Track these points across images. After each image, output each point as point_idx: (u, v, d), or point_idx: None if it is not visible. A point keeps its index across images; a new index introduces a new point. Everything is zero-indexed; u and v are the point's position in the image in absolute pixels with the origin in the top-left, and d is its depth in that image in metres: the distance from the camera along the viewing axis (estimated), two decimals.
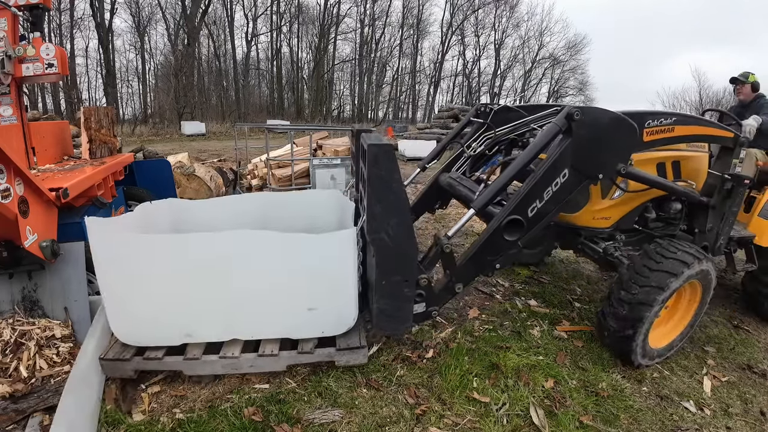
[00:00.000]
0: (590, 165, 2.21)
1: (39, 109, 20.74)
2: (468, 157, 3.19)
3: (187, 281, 2.17)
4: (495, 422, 2.08)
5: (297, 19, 39.09)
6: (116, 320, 2.23)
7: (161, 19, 32.02)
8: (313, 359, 2.32)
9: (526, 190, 2.15)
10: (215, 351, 2.28)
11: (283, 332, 2.36)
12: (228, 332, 2.32)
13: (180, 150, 11.07)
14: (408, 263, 2.08)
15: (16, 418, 1.88)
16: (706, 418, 2.27)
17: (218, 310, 2.25)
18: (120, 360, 2.18)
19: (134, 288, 2.17)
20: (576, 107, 2.10)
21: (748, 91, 3.98)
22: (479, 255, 2.22)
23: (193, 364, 2.22)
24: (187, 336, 2.28)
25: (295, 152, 3.93)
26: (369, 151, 1.88)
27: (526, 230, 2.20)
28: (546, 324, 3.07)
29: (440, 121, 19.26)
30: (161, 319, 2.23)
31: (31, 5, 2.98)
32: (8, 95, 2.95)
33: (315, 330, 2.36)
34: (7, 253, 2.20)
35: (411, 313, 2.19)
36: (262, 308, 2.28)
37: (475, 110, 3.33)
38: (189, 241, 2.23)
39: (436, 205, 3.39)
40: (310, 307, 2.28)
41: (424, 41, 44.69)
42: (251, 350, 2.31)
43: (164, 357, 2.21)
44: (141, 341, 2.26)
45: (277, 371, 2.32)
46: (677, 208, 2.82)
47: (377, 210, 1.97)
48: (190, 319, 2.26)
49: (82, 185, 2.74)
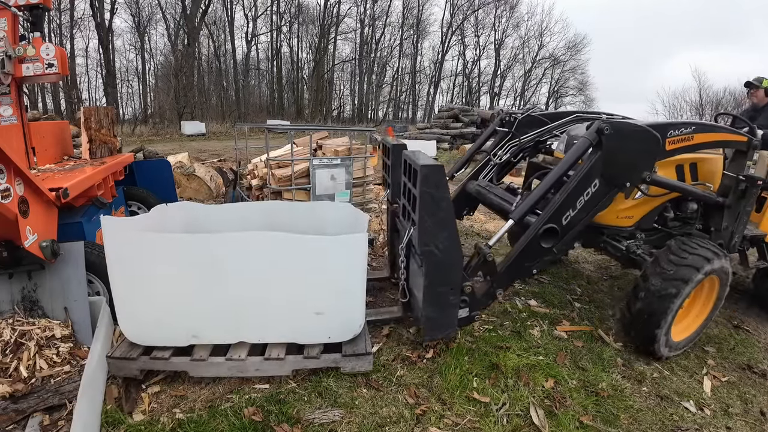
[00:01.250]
0: (619, 175, 2.39)
1: (39, 109, 20.74)
2: (494, 165, 3.38)
3: (197, 282, 2.18)
4: (495, 422, 2.08)
5: (297, 19, 39.13)
6: (125, 319, 2.25)
7: (161, 19, 32.08)
8: (319, 365, 2.31)
9: (560, 201, 2.31)
10: (221, 353, 2.28)
11: (290, 336, 2.36)
12: (235, 335, 2.32)
13: (180, 150, 11.08)
14: (454, 273, 2.22)
15: (16, 418, 1.88)
16: (706, 418, 2.27)
17: (226, 311, 2.25)
18: (126, 359, 2.20)
19: (144, 287, 2.19)
20: (605, 122, 2.27)
21: (761, 95, 4.19)
22: (518, 262, 2.37)
23: (199, 366, 2.23)
24: (194, 337, 2.28)
25: (295, 152, 3.93)
26: (421, 171, 2.03)
27: (561, 237, 2.37)
28: (546, 324, 3.07)
29: (440, 121, 19.24)
30: (169, 319, 2.24)
31: (31, 5, 2.98)
32: (8, 95, 2.95)
33: (322, 335, 2.36)
34: (7, 253, 2.20)
35: (456, 318, 2.32)
36: (270, 311, 2.28)
37: (500, 120, 3.49)
38: (201, 242, 2.22)
39: (464, 211, 3.57)
40: (317, 311, 2.28)
41: (424, 41, 44.73)
42: (257, 353, 2.31)
43: (171, 357, 2.22)
44: (148, 341, 2.27)
45: (281, 375, 2.31)
46: (693, 208, 2.97)
47: (428, 225, 2.11)
48: (197, 320, 2.26)
49: (82, 185, 2.74)
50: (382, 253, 4.40)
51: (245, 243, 2.16)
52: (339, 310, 2.33)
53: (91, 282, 2.57)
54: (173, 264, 2.17)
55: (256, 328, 2.32)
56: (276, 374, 2.30)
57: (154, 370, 2.27)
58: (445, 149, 16.37)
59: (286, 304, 2.27)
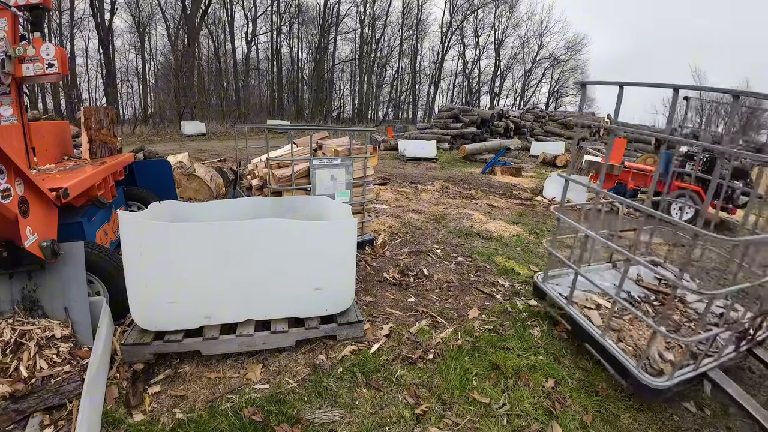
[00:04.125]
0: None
1: (39, 109, 20.74)
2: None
3: (212, 266, 2.37)
4: (495, 422, 2.08)
5: (297, 19, 39.12)
6: (138, 307, 2.38)
7: (161, 19, 32.06)
8: (319, 334, 2.64)
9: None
10: (229, 332, 2.50)
11: (293, 311, 2.65)
12: (244, 314, 2.55)
13: (180, 150, 11.08)
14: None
15: (16, 418, 1.88)
16: (707, 418, 2.26)
17: (237, 292, 2.47)
18: (140, 344, 2.33)
19: (161, 274, 2.33)
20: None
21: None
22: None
23: (211, 344, 2.42)
24: (206, 318, 2.47)
25: (295, 152, 3.93)
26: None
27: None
28: (546, 324, 3.07)
29: (440, 121, 19.26)
30: (184, 303, 2.40)
31: (31, 5, 2.98)
32: (8, 95, 2.95)
33: (320, 309, 2.69)
34: (7, 253, 2.21)
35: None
36: (275, 290, 2.54)
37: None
38: (215, 230, 2.36)
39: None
40: (316, 287, 2.60)
41: (424, 41, 44.75)
42: (262, 329, 2.56)
43: (184, 339, 2.40)
44: (161, 325, 2.43)
45: (286, 346, 2.56)
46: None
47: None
48: (210, 303, 2.45)
49: (82, 185, 2.74)
50: (383, 253, 4.41)
51: (257, 229, 2.40)
52: (334, 285, 2.67)
53: (91, 282, 2.57)
54: (190, 251, 2.32)
55: (262, 306, 2.56)
56: (281, 345, 2.55)
57: (168, 352, 2.42)
58: (445, 149, 16.37)
59: (290, 282, 2.54)
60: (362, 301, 3.31)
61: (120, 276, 2.43)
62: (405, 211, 6.37)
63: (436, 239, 5.06)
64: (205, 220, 2.95)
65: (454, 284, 3.75)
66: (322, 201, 3.25)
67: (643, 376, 2.17)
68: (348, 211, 2.87)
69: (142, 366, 2.32)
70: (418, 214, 6.24)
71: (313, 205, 3.25)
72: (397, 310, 3.20)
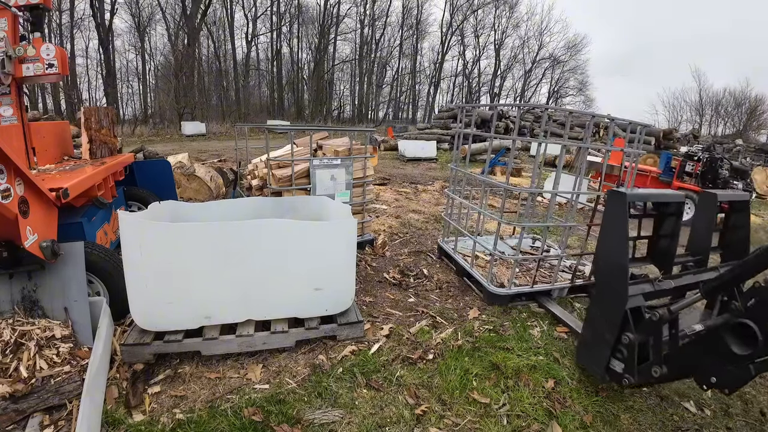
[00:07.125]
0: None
1: (39, 109, 20.75)
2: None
3: (213, 266, 2.37)
4: (495, 422, 2.08)
5: (297, 20, 39.15)
6: (138, 307, 2.37)
7: (161, 19, 32.12)
8: (319, 334, 2.63)
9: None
10: (229, 332, 2.50)
11: (293, 312, 2.64)
12: (244, 314, 2.54)
13: (180, 150, 11.08)
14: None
15: (16, 418, 1.88)
16: (707, 418, 2.26)
17: (237, 293, 2.46)
18: (140, 344, 2.33)
19: (161, 275, 2.32)
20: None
21: None
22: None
23: (211, 344, 2.41)
24: (206, 318, 2.46)
25: (295, 152, 3.93)
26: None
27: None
28: (546, 324, 3.07)
29: (440, 122, 19.26)
30: (185, 303, 2.39)
31: (31, 5, 2.98)
32: (8, 95, 2.95)
33: (320, 309, 2.68)
34: (7, 253, 2.20)
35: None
36: (276, 290, 2.53)
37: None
38: (215, 230, 2.36)
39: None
40: (317, 287, 2.60)
41: (424, 42, 44.82)
42: (262, 329, 2.55)
43: (184, 339, 2.39)
44: (161, 326, 2.42)
45: (286, 347, 2.55)
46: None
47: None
48: (211, 303, 2.44)
49: (82, 185, 2.74)
50: (383, 254, 4.41)
51: (258, 229, 2.40)
52: (333, 286, 2.66)
53: (91, 282, 2.57)
54: (190, 251, 2.32)
55: (262, 306, 2.56)
56: (281, 346, 2.54)
57: (168, 353, 2.41)
58: (445, 149, 16.38)
59: (290, 282, 2.54)
60: (362, 302, 3.31)
61: (120, 276, 2.43)
62: (405, 212, 6.37)
63: (436, 239, 5.06)
64: (205, 220, 2.95)
65: (454, 284, 3.75)
66: (322, 201, 3.25)
67: (491, 287, 3.34)
68: (348, 212, 2.87)
69: (142, 366, 2.32)
70: (418, 215, 6.24)
71: (313, 205, 3.24)
72: (397, 311, 3.20)
